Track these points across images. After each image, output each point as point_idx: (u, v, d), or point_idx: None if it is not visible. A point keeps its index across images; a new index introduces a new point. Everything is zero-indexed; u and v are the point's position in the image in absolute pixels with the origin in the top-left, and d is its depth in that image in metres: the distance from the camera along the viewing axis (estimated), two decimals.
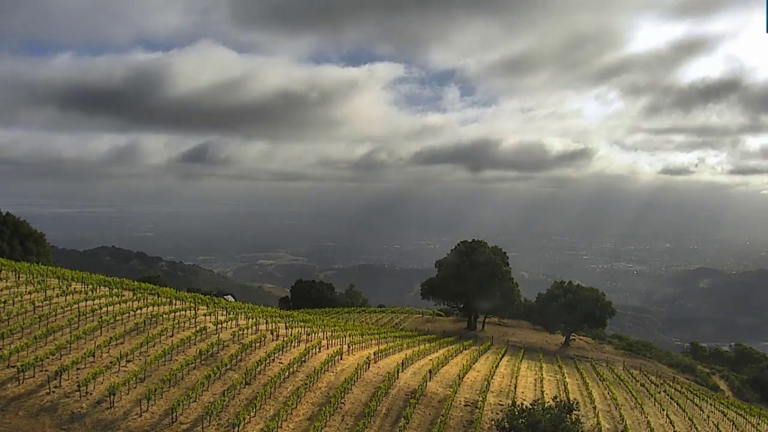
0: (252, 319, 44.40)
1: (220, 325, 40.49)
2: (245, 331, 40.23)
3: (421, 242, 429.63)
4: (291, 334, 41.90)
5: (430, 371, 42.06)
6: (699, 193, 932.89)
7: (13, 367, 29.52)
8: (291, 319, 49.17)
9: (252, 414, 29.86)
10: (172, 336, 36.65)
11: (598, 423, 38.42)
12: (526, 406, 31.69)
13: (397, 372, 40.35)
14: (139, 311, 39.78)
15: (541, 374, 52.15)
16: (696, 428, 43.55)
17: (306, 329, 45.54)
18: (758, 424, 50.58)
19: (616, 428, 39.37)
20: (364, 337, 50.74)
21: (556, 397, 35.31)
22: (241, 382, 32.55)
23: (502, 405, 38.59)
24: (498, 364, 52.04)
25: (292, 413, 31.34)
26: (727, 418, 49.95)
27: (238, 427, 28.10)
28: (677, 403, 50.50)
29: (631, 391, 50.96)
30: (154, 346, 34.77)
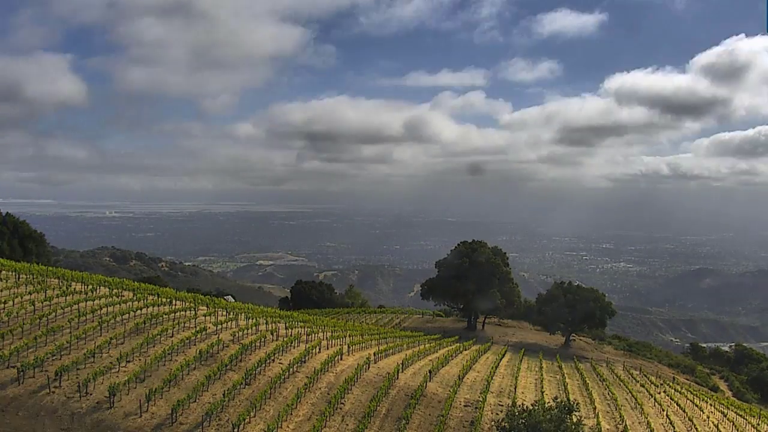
0: (252, 319, 44.37)
1: (220, 326, 40.48)
2: (245, 332, 40.21)
3: (421, 242, 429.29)
4: (291, 335, 41.89)
5: (430, 371, 42.07)
6: (699, 193, 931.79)
7: (13, 367, 29.52)
8: (291, 319, 49.15)
9: (252, 414, 29.87)
10: (172, 336, 36.63)
11: (599, 423, 38.41)
12: (527, 407, 31.67)
13: (397, 372, 40.36)
14: (139, 311, 39.76)
15: (541, 375, 52.16)
16: (696, 428, 43.57)
17: (306, 330, 45.53)
18: (758, 424, 50.59)
19: (617, 429, 39.38)
20: (364, 337, 50.74)
21: (556, 398, 35.27)
22: (242, 383, 32.55)
23: (502, 405, 38.61)
24: (498, 364, 52.05)
25: (292, 414, 31.35)
26: (727, 419, 49.98)
27: (239, 427, 28.10)
28: (677, 404, 50.51)
29: (631, 392, 50.96)
30: (154, 346, 34.75)
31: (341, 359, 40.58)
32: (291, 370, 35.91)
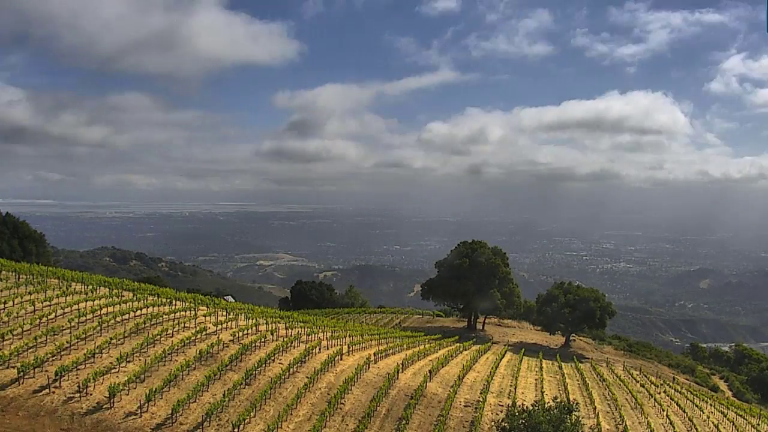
0: (252, 319, 44.38)
1: (220, 326, 40.49)
2: (245, 332, 40.23)
3: (421, 242, 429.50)
4: (291, 335, 41.91)
5: (430, 372, 42.08)
6: (699, 193, 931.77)
7: (13, 367, 29.51)
8: (291, 319, 49.15)
9: (252, 414, 29.87)
10: (172, 336, 36.64)
11: (599, 423, 38.43)
12: (527, 407, 31.65)
13: (397, 372, 40.37)
14: (139, 312, 39.77)
15: (541, 375, 52.17)
16: (696, 429, 43.59)
17: (306, 330, 45.53)
18: (758, 424, 50.62)
19: (617, 429, 39.39)
20: (364, 337, 50.73)
21: (556, 398, 35.24)
22: (242, 383, 32.55)
23: (502, 405, 38.61)
24: (498, 364, 52.05)
25: (292, 414, 31.36)
26: (727, 419, 50.00)
27: (239, 427, 28.11)
28: (677, 404, 50.54)
29: (631, 392, 50.97)
30: (154, 346, 34.76)
31: (341, 359, 40.59)
32: (291, 370, 35.92)
